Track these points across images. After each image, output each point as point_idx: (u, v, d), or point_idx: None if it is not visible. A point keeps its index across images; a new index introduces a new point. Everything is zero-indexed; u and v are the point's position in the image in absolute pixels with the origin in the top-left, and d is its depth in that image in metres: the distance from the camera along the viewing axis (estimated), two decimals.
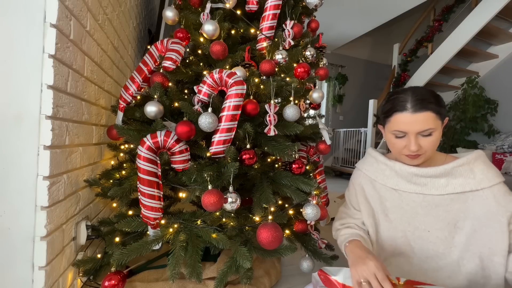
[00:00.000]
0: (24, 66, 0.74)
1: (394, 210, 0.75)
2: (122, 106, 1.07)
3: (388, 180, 0.77)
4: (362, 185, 0.84)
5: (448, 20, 4.12)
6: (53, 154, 0.80)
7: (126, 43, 1.57)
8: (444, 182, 0.69)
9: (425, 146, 0.67)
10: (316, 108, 1.29)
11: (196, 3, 1.15)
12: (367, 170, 0.83)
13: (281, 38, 1.09)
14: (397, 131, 0.69)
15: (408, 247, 0.72)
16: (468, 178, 0.67)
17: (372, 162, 0.83)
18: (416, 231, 0.71)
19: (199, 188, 0.88)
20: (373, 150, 0.84)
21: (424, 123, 0.65)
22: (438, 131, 0.67)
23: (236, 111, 0.89)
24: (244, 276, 0.92)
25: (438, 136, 0.67)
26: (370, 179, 0.82)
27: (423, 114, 0.65)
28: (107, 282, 0.87)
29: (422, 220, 0.71)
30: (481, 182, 0.66)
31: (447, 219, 0.68)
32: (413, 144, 0.67)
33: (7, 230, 0.74)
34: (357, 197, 0.86)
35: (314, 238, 1.08)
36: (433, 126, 0.65)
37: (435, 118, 0.65)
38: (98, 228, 1.07)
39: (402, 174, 0.74)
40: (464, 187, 0.67)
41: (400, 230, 0.74)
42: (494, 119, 3.82)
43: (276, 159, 1.05)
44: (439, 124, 0.67)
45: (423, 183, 0.71)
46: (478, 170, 0.67)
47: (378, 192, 0.79)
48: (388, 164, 0.77)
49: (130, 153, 1.12)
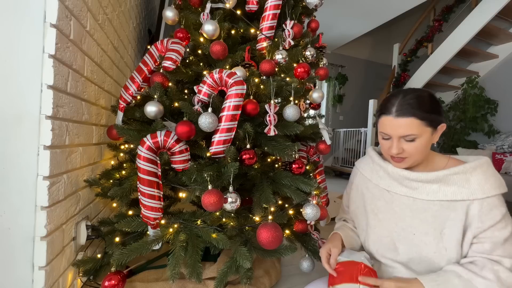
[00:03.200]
0: (24, 66, 0.74)
1: (384, 210, 0.76)
2: (122, 106, 1.07)
3: (381, 181, 0.78)
4: (358, 183, 0.86)
5: (448, 20, 4.12)
6: (53, 154, 0.80)
7: (126, 43, 1.57)
8: (436, 188, 0.68)
9: (408, 150, 0.67)
10: (316, 108, 1.29)
11: (196, 3, 1.15)
12: (363, 170, 0.85)
13: (281, 38, 1.09)
14: (382, 133, 0.71)
15: (393, 246, 0.74)
16: (462, 187, 0.65)
17: (369, 161, 0.84)
18: (402, 232, 0.72)
19: (199, 188, 0.88)
20: (372, 150, 0.85)
21: (406, 128, 0.65)
22: (423, 137, 0.66)
23: (236, 111, 0.89)
24: (244, 276, 0.92)
25: (424, 142, 0.66)
26: (366, 178, 0.83)
27: (405, 119, 0.65)
28: (107, 282, 0.87)
29: (409, 223, 0.71)
30: (474, 193, 0.64)
31: (433, 225, 0.68)
32: (394, 147, 0.68)
33: (7, 230, 0.74)
34: (351, 195, 0.89)
35: (314, 238, 1.08)
36: (416, 132, 0.65)
37: (419, 124, 0.64)
38: (98, 228, 1.07)
39: (394, 176, 0.74)
40: (455, 196, 0.65)
41: (387, 230, 0.75)
42: (494, 119, 3.82)
43: (276, 159, 1.05)
44: (427, 131, 0.66)
45: (414, 187, 0.71)
46: (475, 180, 0.65)
47: (371, 192, 0.80)
48: (382, 165, 0.77)
49: (130, 153, 1.12)
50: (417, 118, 0.64)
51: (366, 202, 0.81)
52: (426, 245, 0.68)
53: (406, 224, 0.71)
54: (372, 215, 0.79)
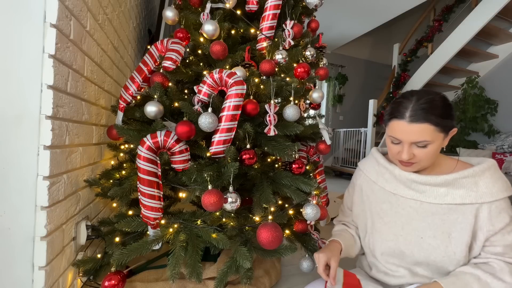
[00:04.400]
0: (24, 66, 0.74)
1: (390, 213, 0.75)
2: (122, 106, 1.07)
3: (387, 183, 0.76)
4: (362, 186, 0.84)
5: (448, 20, 4.11)
6: (53, 154, 0.80)
7: (126, 43, 1.57)
8: (444, 191, 0.67)
9: (419, 156, 0.66)
10: (316, 108, 1.29)
11: (196, 3, 1.15)
12: (368, 172, 0.83)
13: (281, 38, 1.09)
14: (392, 137, 0.68)
15: (398, 250, 0.72)
16: (471, 190, 0.64)
17: (373, 163, 0.82)
18: (409, 236, 0.71)
19: (199, 188, 0.88)
20: (376, 151, 0.83)
21: (420, 135, 0.63)
22: (436, 143, 0.64)
23: (236, 111, 0.89)
24: (244, 276, 0.92)
25: (436, 148, 0.65)
26: (370, 180, 0.81)
27: (420, 125, 0.62)
28: (107, 282, 0.87)
29: (416, 226, 0.70)
30: (483, 196, 0.63)
31: (441, 228, 0.67)
32: (405, 153, 0.66)
33: (7, 230, 0.74)
34: (353, 197, 0.87)
35: (314, 238, 1.08)
36: (429, 139, 0.63)
37: (433, 130, 0.62)
38: (98, 228, 1.07)
39: (401, 179, 0.73)
40: (464, 199, 0.65)
41: (392, 233, 0.73)
42: (494, 119, 3.82)
43: (276, 159, 1.05)
44: (439, 136, 0.64)
45: (421, 190, 0.70)
46: (483, 184, 0.64)
47: (376, 194, 0.79)
48: (388, 168, 0.76)
49: (130, 153, 1.12)
50: (432, 124, 0.62)
51: (371, 205, 0.80)
52: (435, 249, 0.67)
53: (413, 227, 0.70)
54: (377, 218, 0.77)
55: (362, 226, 0.83)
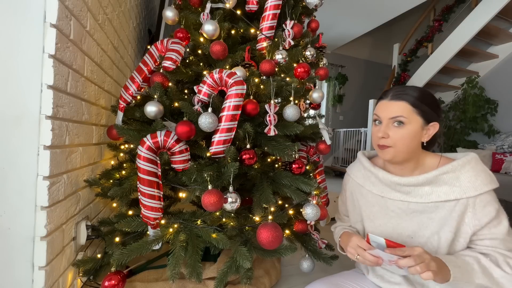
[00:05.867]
0: (24, 66, 0.74)
1: (380, 215, 0.75)
2: (122, 106, 1.07)
3: (374, 187, 0.77)
4: (351, 190, 0.85)
5: (448, 20, 4.11)
6: (53, 154, 0.80)
7: (126, 43, 1.57)
8: (428, 190, 0.67)
9: (394, 138, 0.67)
10: (316, 108, 1.29)
11: (196, 3, 1.15)
12: (355, 176, 0.83)
13: (281, 38, 1.09)
14: (375, 115, 0.72)
15: None
16: (454, 186, 0.65)
17: (360, 167, 0.83)
18: (400, 237, 0.72)
19: (199, 188, 0.88)
20: (362, 155, 0.84)
21: (396, 110, 0.67)
22: (411, 126, 0.66)
23: (236, 111, 0.89)
24: (244, 276, 0.92)
25: (412, 132, 0.66)
26: (358, 185, 0.82)
27: (398, 102, 0.67)
28: (107, 282, 0.87)
29: (406, 227, 0.71)
30: (467, 191, 0.63)
31: (430, 227, 0.67)
32: (381, 131, 0.69)
33: (7, 230, 0.74)
34: (346, 203, 0.87)
35: (314, 238, 1.08)
36: (404, 115, 0.66)
37: (410, 110, 0.66)
38: (98, 228, 1.07)
39: (386, 182, 0.73)
40: (448, 195, 0.65)
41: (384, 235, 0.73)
42: (494, 119, 3.82)
43: (276, 159, 1.05)
44: (416, 120, 0.66)
45: (406, 191, 0.70)
46: (465, 178, 0.64)
47: (366, 198, 0.79)
48: (373, 171, 0.76)
49: (130, 153, 1.12)
50: (409, 103, 0.66)
51: (361, 209, 0.80)
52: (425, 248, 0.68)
53: (403, 228, 0.71)
54: (368, 221, 0.78)
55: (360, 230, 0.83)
